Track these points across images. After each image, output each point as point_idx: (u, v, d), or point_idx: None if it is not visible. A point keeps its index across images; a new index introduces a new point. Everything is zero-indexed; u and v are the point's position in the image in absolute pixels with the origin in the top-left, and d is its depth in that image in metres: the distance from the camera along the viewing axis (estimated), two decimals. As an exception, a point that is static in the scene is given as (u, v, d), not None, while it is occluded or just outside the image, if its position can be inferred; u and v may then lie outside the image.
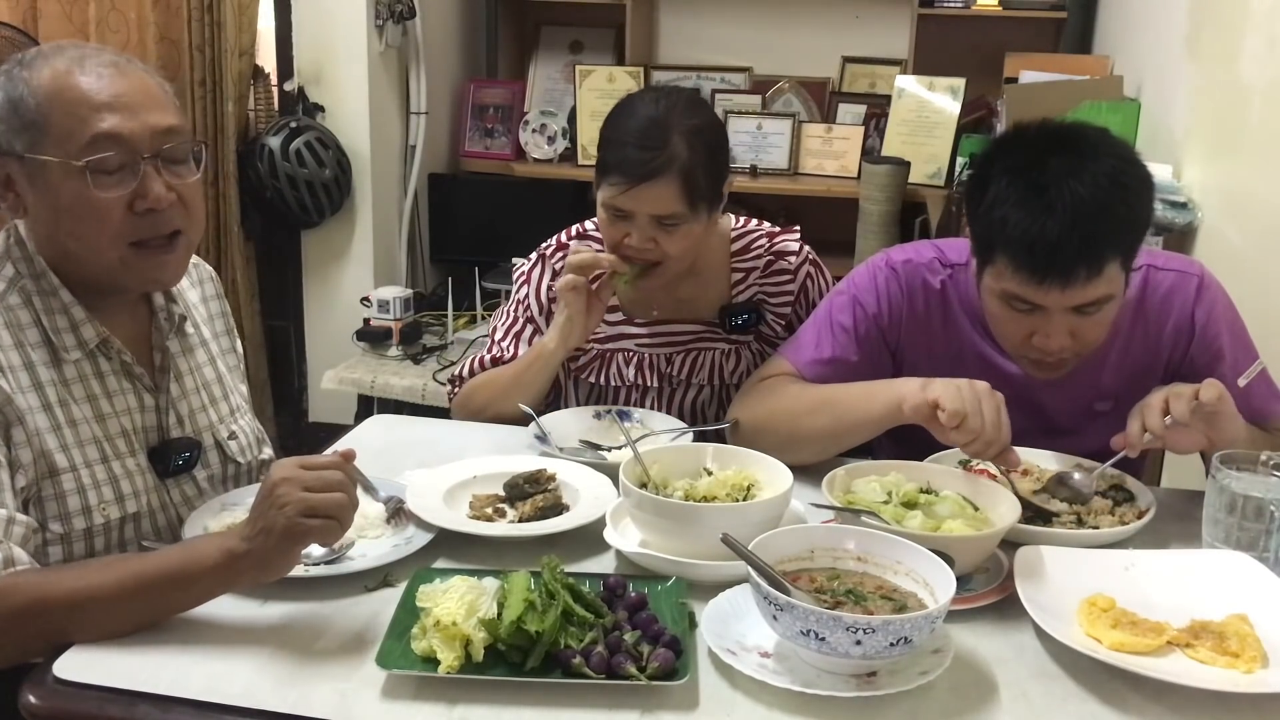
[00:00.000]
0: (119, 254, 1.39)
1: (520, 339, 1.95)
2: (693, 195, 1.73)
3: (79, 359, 1.41)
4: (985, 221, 1.49)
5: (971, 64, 3.54)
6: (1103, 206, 1.43)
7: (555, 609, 1.16)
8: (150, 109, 1.39)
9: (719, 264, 1.95)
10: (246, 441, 1.62)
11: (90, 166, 1.34)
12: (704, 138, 1.75)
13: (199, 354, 1.59)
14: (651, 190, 1.71)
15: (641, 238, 1.76)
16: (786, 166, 3.62)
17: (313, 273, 3.73)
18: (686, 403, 1.96)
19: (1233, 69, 2.30)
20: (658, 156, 1.70)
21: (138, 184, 1.37)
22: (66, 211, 1.37)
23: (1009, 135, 1.58)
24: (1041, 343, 1.53)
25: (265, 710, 1.10)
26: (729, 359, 1.94)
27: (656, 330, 1.95)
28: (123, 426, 1.45)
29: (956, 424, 1.42)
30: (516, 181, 3.85)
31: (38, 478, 1.35)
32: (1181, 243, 2.43)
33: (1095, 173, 1.44)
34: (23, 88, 1.36)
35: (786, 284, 1.93)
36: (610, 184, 1.75)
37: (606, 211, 1.79)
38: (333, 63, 3.54)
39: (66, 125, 1.35)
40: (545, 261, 1.96)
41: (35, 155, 1.35)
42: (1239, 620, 1.22)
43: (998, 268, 1.50)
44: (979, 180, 1.53)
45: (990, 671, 1.19)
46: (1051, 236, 1.42)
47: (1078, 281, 1.44)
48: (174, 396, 1.52)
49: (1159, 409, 1.46)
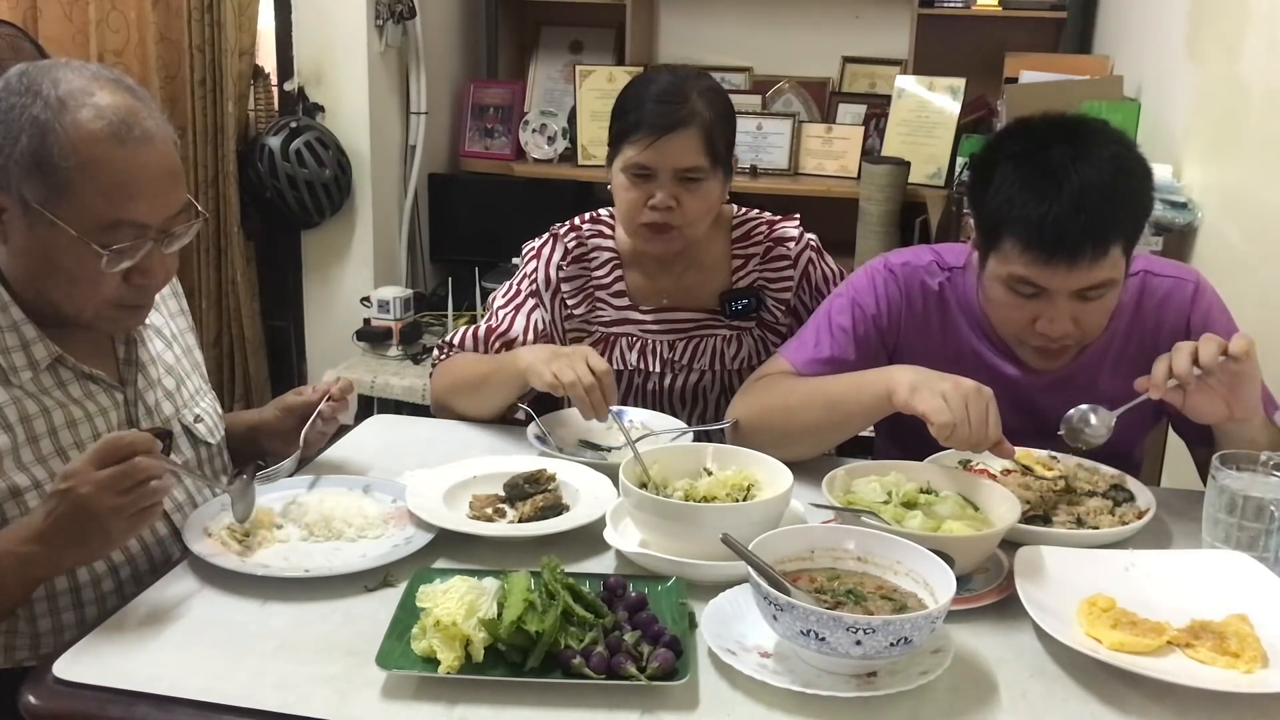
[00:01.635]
0: (98, 311, 1.40)
1: (520, 311, 1.94)
2: (713, 151, 1.81)
3: (31, 377, 1.39)
4: (992, 206, 1.52)
5: (971, 64, 3.54)
6: (1108, 189, 1.46)
7: (555, 609, 1.16)
8: (171, 189, 1.39)
9: (720, 251, 1.98)
10: (212, 422, 1.63)
11: (109, 248, 1.33)
12: (719, 98, 1.85)
13: (157, 341, 1.58)
14: (675, 141, 1.78)
15: (665, 195, 1.80)
16: (786, 166, 3.62)
17: (313, 273, 3.73)
18: (689, 386, 1.98)
19: (1233, 69, 2.30)
20: (680, 109, 1.79)
21: (140, 260, 1.37)
22: (61, 270, 1.36)
23: (1012, 126, 1.61)
24: (1045, 328, 1.55)
25: (265, 710, 1.10)
26: (730, 345, 1.97)
27: (660, 317, 1.97)
28: (94, 430, 1.44)
29: (946, 435, 1.44)
30: (516, 181, 3.85)
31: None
32: (1181, 243, 2.43)
33: (1099, 158, 1.48)
34: (53, 141, 1.31)
35: (786, 269, 1.97)
36: (632, 143, 1.80)
37: (628, 175, 1.83)
38: (333, 63, 3.54)
39: (92, 204, 1.32)
40: (558, 240, 1.97)
41: (46, 212, 1.32)
42: (1239, 620, 1.22)
43: (1004, 252, 1.52)
44: (983, 168, 1.56)
45: (990, 671, 1.19)
46: (1059, 215, 1.45)
47: (1084, 261, 1.47)
48: (140, 388, 1.51)
49: (1188, 353, 1.46)
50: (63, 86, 1.33)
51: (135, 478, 1.23)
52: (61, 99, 1.32)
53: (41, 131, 1.31)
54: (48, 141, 1.31)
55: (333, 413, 1.63)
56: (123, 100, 1.35)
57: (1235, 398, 1.47)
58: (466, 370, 1.87)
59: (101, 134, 1.32)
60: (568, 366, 1.63)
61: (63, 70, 1.36)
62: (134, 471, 1.23)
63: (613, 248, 1.97)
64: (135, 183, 1.34)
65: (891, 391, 1.51)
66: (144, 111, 1.37)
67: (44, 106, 1.32)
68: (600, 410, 1.63)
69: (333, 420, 1.65)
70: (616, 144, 1.85)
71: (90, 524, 1.23)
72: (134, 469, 1.23)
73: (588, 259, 1.97)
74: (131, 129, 1.34)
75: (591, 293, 1.97)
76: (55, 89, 1.33)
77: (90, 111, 1.32)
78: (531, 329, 1.92)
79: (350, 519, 1.45)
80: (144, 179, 1.35)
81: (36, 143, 1.31)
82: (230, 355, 3.64)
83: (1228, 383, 1.46)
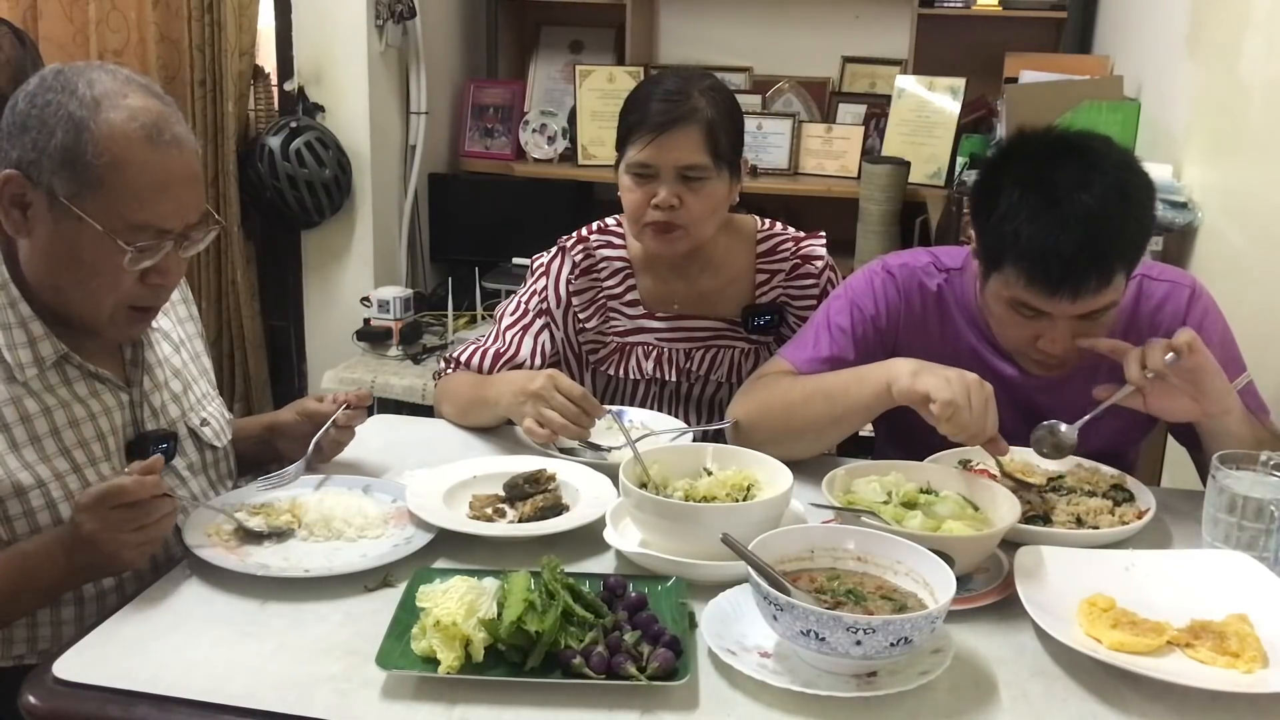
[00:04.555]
0: (112, 311, 1.41)
1: (528, 332, 1.94)
2: (715, 148, 1.80)
3: (36, 374, 1.40)
4: (996, 234, 1.52)
5: (971, 64, 3.53)
6: (1112, 219, 1.46)
7: (555, 609, 1.16)
8: (194, 195, 1.41)
9: (743, 263, 1.97)
10: (219, 426, 1.63)
11: (133, 245, 1.35)
12: (723, 97, 1.85)
13: (165, 345, 1.59)
14: (676, 138, 1.78)
15: (667, 194, 1.80)
16: (786, 166, 3.62)
17: (313, 273, 3.73)
18: (705, 398, 1.98)
19: (1233, 69, 2.30)
20: (680, 106, 1.79)
21: (160, 260, 1.39)
22: (83, 265, 1.37)
23: (1015, 144, 1.60)
24: (1046, 346, 1.56)
25: (265, 710, 1.10)
26: (748, 358, 1.97)
27: (676, 325, 1.96)
28: (98, 429, 1.44)
29: (948, 415, 1.43)
30: (516, 181, 3.85)
31: (1, 497, 1.34)
32: (1181, 243, 2.43)
33: (1103, 185, 1.47)
34: (87, 137, 1.33)
35: (810, 288, 1.96)
36: (634, 141, 1.81)
37: (631, 175, 1.83)
38: (333, 63, 3.53)
39: (121, 201, 1.34)
40: (565, 254, 1.97)
41: (74, 208, 1.34)
42: (1239, 620, 1.22)
43: (1007, 277, 1.52)
44: (987, 191, 1.55)
45: (990, 671, 1.19)
46: (1065, 252, 1.45)
47: (1088, 292, 1.48)
48: (146, 390, 1.52)
49: (1137, 360, 1.49)
50: (98, 87, 1.36)
51: (141, 521, 1.28)
52: (97, 98, 1.35)
53: (76, 128, 1.33)
54: (82, 138, 1.33)
55: (348, 421, 1.63)
56: (154, 104, 1.38)
57: (1200, 392, 1.49)
58: (458, 394, 1.89)
59: (135, 135, 1.34)
60: (544, 407, 1.66)
61: (97, 71, 1.38)
62: (140, 514, 1.28)
63: (623, 256, 1.97)
64: (163, 185, 1.36)
65: (893, 381, 1.52)
66: (173, 117, 1.40)
67: (79, 104, 1.34)
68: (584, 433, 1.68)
69: (348, 429, 1.65)
70: (621, 145, 1.85)
71: (99, 554, 1.29)
72: (141, 512, 1.28)
73: (596, 270, 1.96)
74: (162, 132, 1.36)
75: (604, 304, 1.97)
76: (90, 89, 1.35)
77: (124, 113, 1.35)
78: (539, 352, 1.92)
79: (350, 519, 1.45)
80: (171, 182, 1.37)
81: (71, 138, 1.33)
82: (230, 355, 3.64)
83: (1188, 379, 1.48)
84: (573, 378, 1.97)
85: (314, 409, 1.65)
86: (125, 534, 1.27)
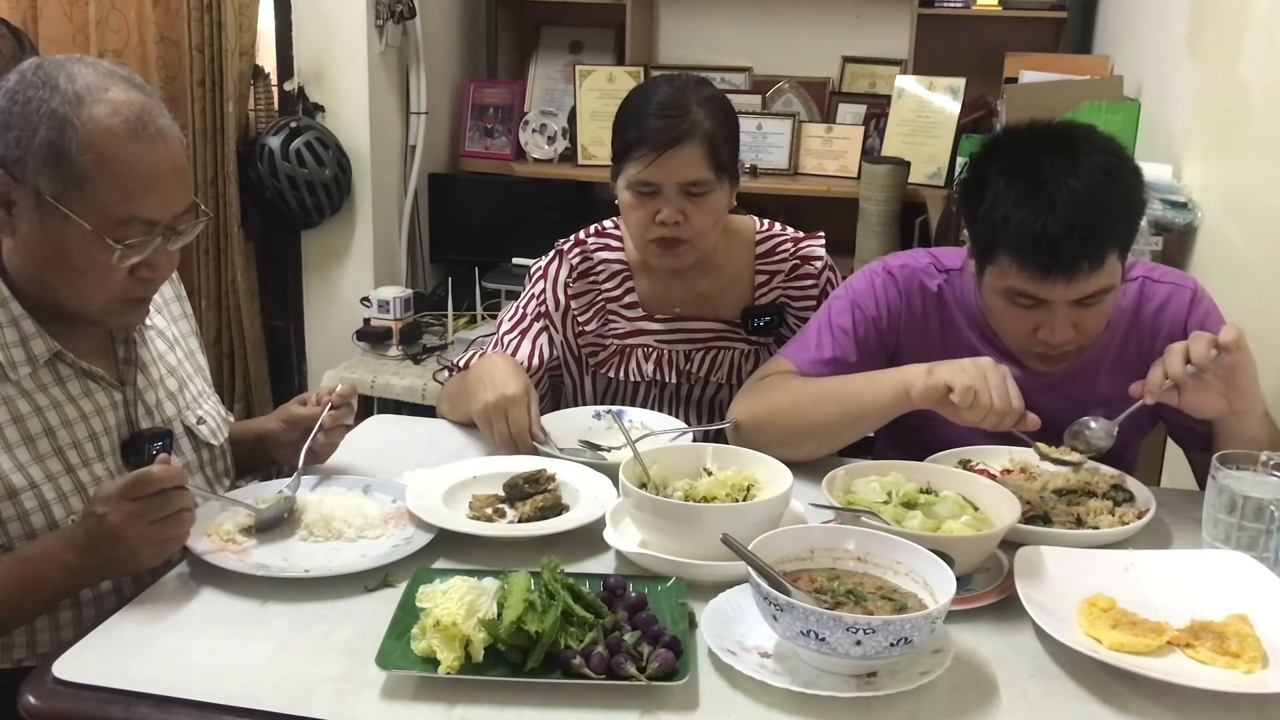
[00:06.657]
0: (103, 305, 1.41)
1: (526, 336, 1.94)
2: (717, 161, 1.79)
3: (29, 373, 1.39)
4: (986, 223, 1.53)
5: (971, 64, 3.53)
6: (1099, 200, 1.47)
7: (555, 609, 1.16)
8: (180, 188, 1.40)
9: (743, 264, 1.97)
10: (215, 424, 1.63)
11: (121, 242, 1.34)
12: (720, 106, 1.82)
13: (159, 342, 1.58)
14: (678, 156, 1.76)
15: (672, 211, 1.79)
16: (786, 166, 3.62)
17: (313, 273, 3.73)
18: (705, 400, 1.98)
19: (1233, 69, 2.30)
20: (681, 123, 1.76)
21: (149, 255, 1.38)
22: (71, 264, 1.36)
23: (999, 138, 1.63)
24: (1046, 336, 1.56)
25: (265, 710, 1.10)
26: (748, 359, 1.97)
27: (676, 327, 1.96)
28: (91, 429, 1.44)
29: (970, 402, 1.44)
30: (516, 181, 3.85)
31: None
32: (1181, 243, 2.43)
33: (1088, 168, 1.48)
34: (71, 135, 1.32)
35: (810, 289, 1.96)
36: (635, 159, 1.78)
37: (632, 192, 1.81)
38: (333, 63, 3.53)
39: (107, 197, 1.33)
40: (563, 257, 1.96)
41: (59, 205, 1.33)
42: (1239, 620, 1.22)
43: (1000, 267, 1.53)
44: (975, 183, 1.57)
45: (990, 671, 1.19)
46: (1053, 232, 1.46)
47: (1081, 274, 1.48)
48: (140, 388, 1.51)
49: (1181, 354, 1.48)
50: (79, 81, 1.34)
51: (165, 511, 1.27)
52: (79, 93, 1.33)
53: (60, 124, 1.32)
54: (66, 135, 1.32)
55: (334, 422, 1.61)
56: (136, 98, 1.37)
57: (1233, 390, 1.48)
58: (453, 392, 1.89)
59: (119, 130, 1.33)
60: (498, 421, 1.68)
61: (77, 65, 1.37)
62: (164, 505, 1.26)
63: (621, 259, 1.96)
64: (149, 179, 1.35)
65: (910, 384, 1.52)
66: (156, 109, 1.39)
67: (62, 100, 1.33)
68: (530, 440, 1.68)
69: (338, 429, 1.63)
70: (619, 160, 1.83)
71: (119, 547, 1.27)
72: (165, 501, 1.26)
73: (594, 273, 1.96)
74: (146, 126, 1.35)
75: (602, 306, 1.96)
76: (72, 84, 1.34)
77: (107, 107, 1.34)
78: (537, 355, 1.93)
79: (350, 519, 1.45)
80: (157, 175, 1.36)
81: (55, 135, 1.32)
82: (230, 355, 3.64)
83: (1224, 376, 1.47)
84: (573, 381, 1.98)
85: (299, 414, 1.63)
86: (148, 527, 1.26)
